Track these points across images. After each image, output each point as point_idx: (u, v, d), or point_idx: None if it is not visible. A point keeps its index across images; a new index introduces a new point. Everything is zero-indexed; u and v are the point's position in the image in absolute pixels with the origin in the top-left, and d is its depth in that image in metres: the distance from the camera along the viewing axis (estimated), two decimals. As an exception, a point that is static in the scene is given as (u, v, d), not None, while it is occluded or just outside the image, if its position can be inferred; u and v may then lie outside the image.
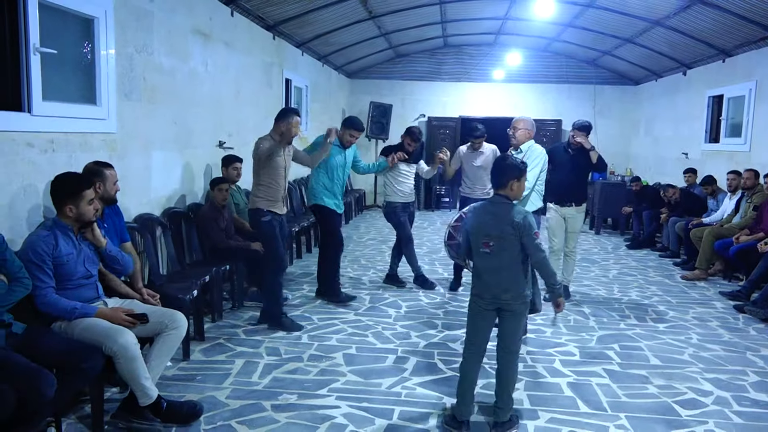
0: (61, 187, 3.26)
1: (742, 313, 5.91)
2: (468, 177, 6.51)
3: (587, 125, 6.13)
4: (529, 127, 5.21)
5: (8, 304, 2.96)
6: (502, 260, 3.31)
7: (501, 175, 3.40)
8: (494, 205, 3.39)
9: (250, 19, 7.29)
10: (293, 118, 4.86)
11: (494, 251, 3.30)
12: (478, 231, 3.37)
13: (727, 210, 7.83)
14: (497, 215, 3.33)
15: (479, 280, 3.39)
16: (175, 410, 3.33)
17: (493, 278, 3.34)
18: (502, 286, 3.32)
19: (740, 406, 3.86)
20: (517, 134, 5.18)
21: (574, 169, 6.09)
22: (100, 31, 4.25)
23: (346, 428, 3.41)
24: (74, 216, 3.22)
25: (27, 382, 2.63)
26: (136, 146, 4.84)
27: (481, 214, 3.41)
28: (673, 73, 11.04)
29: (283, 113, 4.95)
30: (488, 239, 3.31)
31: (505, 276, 3.32)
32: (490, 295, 3.35)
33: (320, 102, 11.07)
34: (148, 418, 3.23)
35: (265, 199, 4.94)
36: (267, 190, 4.94)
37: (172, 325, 3.43)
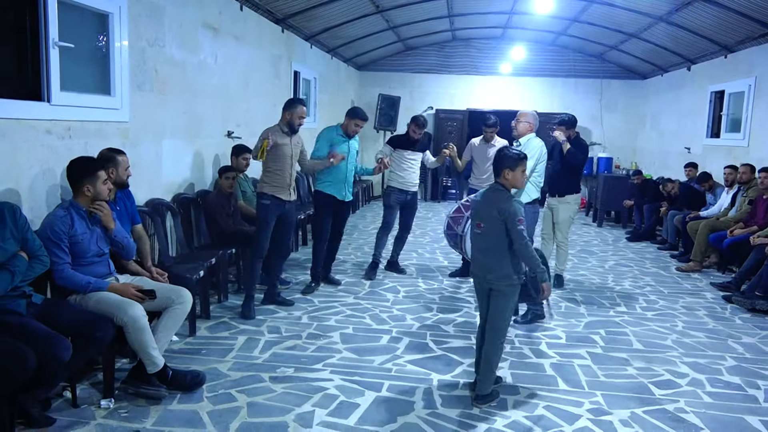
0: (79, 168, 3.54)
1: (730, 303, 6.09)
2: (478, 169, 6.71)
3: (566, 120, 6.32)
4: (531, 121, 5.42)
5: (29, 279, 3.24)
6: (489, 242, 3.62)
7: (497, 164, 3.70)
8: (491, 191, 3.69)
9: (259, 13, 7.53)
10: (298, 108, 5.11)
11: (483, 232, 3.64)
12: (474, 212, 3.79)
13: (724, 204, 7.99)
14: (490, 200, 3.63)
15: (472, 258, 3.83)
16: (179, 378, 3.61)
17: (481, 257, 3.68)
18: (488, 266, 3.63)
19: (713, 387, 4.07)
20: (519, 126, 5.41)
21: (561, 163, 6.32)
22: (115, 25, 4.52)
23: (338, 398, 3.67)
24: (92, 195, 3.50)
25: (45, 346, 2.90)
26: (147, 135, 5.11)
27: (480, 197, 3.76)
28: (677, 68, 11.15)
29: (288, 103, 5.19)
30: (480, 221, 3.65)
31: (491, 257, 3.62)
32: (480, 274, 3.71)
33: (329, 94, 11.30)
34: (155, 385, 3.51)
35: (270, 185, 5.14)
36: (272, 176, 5.14)
37: (178, 300, 3.70)
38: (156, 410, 3.41)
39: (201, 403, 3.53)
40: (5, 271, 3.07)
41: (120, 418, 3.31)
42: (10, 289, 3.09)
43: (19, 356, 2.72)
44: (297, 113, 5.12)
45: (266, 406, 3.53)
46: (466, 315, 5.42)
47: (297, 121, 5.14)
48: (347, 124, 5.86)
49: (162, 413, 3.39)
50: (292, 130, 5.18)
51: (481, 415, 3.53)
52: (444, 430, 3.35)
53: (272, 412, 3.46)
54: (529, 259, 3.58)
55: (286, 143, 5.16)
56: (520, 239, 3.52)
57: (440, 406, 3.62)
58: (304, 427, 3.30)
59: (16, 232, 3.19)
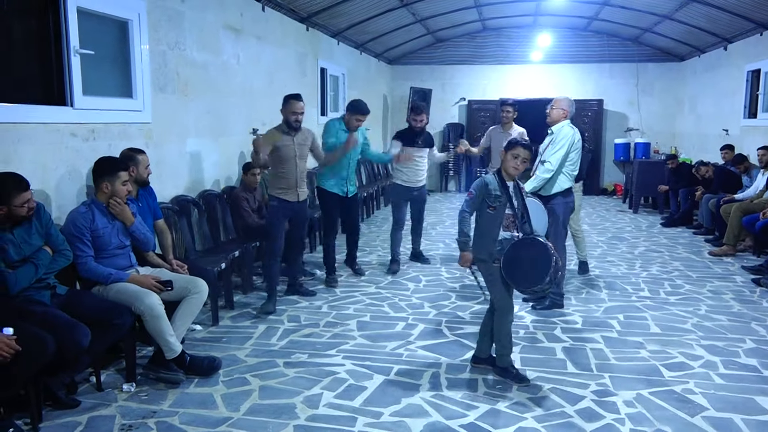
0: (100, 167, 3.79)
1: (759, 286, 5.96)
2: (494, 158, 6.70)
3: None
4: (565, 107, 5.17)
5: (52, 272, 3.48)
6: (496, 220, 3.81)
7: None
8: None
9: (282, 13, 7.72)
10: (290, 104, 5.01)
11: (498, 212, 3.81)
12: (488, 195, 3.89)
13: (759, 186, 7.77)
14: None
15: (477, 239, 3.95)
16: (197, 364, 3.82)
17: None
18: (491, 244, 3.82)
19: (726, 369, 4.03)
20: (552, 113, 5.17)
21: None
22: (134, 31, 4.76)
23: (347, 381, 3.81)
24: (109, 193, 3.73)
25: (66, 333, 3.14)
26: (171, 135, 5.35)
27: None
28: (714, 48, 10.84)
29: (284, 100, 5.11)
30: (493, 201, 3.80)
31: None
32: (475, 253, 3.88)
33: (358, 89, 11.44)
34: (173, 369, 3.72)
35: (277, 187, 5.12)
36: (278, 179, 5.11)
37: (194, 290, 3.91)
38: (173, 393, 3.62)
39: (216, 386, 3.72)
40: (30, 264, 3.32)
41: (140, 401, 3.53)
42: (34, 281, 3.34)
43: (40, 342, 2.95)
44: (290, 109, 5.01)
45: (277, 389, 3.70)
46: (483, 302, 5.46)
47: (291, 117, 5.01)
48: (348, 119, 5.81)
49: (179, 396, 3.59)
50: (291, 128, 5.07)
51: (485, 397, 3.61)
52: (446, 411, 3.44)
53: (282, 394, 3.63)
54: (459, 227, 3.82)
55: (287, 144, 5.06)
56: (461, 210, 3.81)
57: (445, 389, 3.71)
58: (310, 408, 3.45)
59: (41, 228, 3.44)
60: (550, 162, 4.96)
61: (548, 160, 4.97)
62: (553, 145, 5.01)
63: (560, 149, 4.99)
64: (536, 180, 4.99)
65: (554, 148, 5.00)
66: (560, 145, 5.01)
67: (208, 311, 4.82)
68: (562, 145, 5.01)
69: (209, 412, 3.41)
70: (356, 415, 3.38)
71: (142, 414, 3.37)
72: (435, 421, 3.32)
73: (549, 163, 4.96)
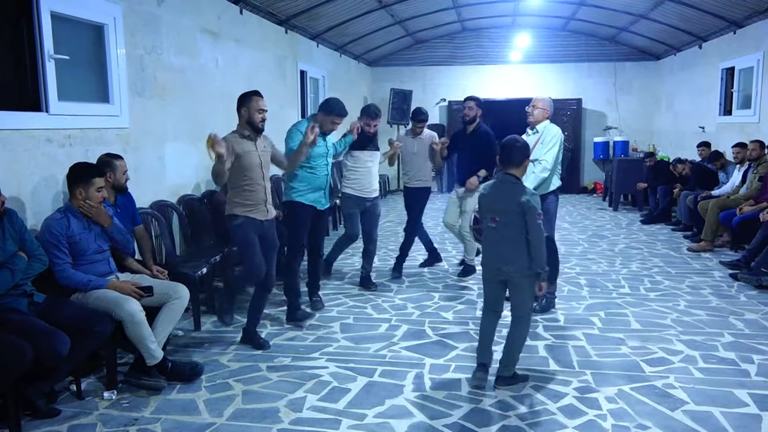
0: (74, 173, 3.74)
1: (736, 281, 6.05)
2: (405, 165, 6.28)
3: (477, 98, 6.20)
4: (546, 106, 5.17)
5: (28, 277, 3.44)
6: (505, 235, 3.58)
7: (516, 155, 3.61)
8: (503, 184, 3.64)
9: (260, 16, 7.70)
10: (253, 100, 4.18)
11: (499, 226, 3.60)
12: (486, 206, 3.69)
13: (735, 182, 7.90)
14: (505, 193, 3.60)
15: (484, 251, 3.78)
16: (178, 370, 3.80)
17: (495, 251, 3.65)
18: (504, 259, 3.61)
19: (706, 363, 4.09)
20: (535, 113, 5.13)
21: (469, 150, 6.17)
22: (110, 36, 4.72)
23: (330, 384, 3.80)
24: (82, 198, 3.68)
25: (44, 341, 3.10)
26: (149, 139, 5.31)
27: (491, 190, 3.70)
28: (689, 46, 11.01)
29: (244, 97, 4.24)
30: (494, 214, 3.60)
31: (509, 249, 3.59)
32: (493, 266, 3.68)
33: (339, 91, 11.39)
34: (154, 376, 3.69)
35: (242, 205, 4.21)
36: (242, 193, 4.19)
37: (175, 296, 3.87)
38: (155, 400, 3.59)
39: (199, 392, 3.70)
40: (6, 270, 3.28)
41: (121, 408, 3.49)
42: (11, 286, 3.30)
43: (16, 350, 2.91)
44: (254, 106, 4.16)
45: (260, 393, 3.68)
46: (467, 302, 5.50)
47: (257, 116, 4.16)
48: (322, 120, 4.91)
49: (161, 402, 3.56)
50: (255, 131, 4.21)
51: (468, 396, 3.63)
52: (430, 411, 3.45)
53: (266, 398, 3.61)
54: (540, 255, 3.55)
55: (250, 150, 4.18)
56: (540, 233, 3.54)
57: (429, 389, 3.73)
58: (294, 412, 3.44)
59: (14, 234, 3.41)
60: (546, 160, 4.93)
61: (543, 158, 4.93)
62: (544, 144, 4.98)
63: (552, 147, 4.98)
64: (536, 179, 4.90)
65: (545, 147, 4.97)
66: (552, 143, 4.99)
67: (189, 316, 4.79)
68: (553, 143, 5.00)
69: (192, 418, 3.38)
70: (340, 417, 3.38)
71: (123, 422, 3.34)
72: (419, 421, 3.33)
73: (545, 161, 4.93)
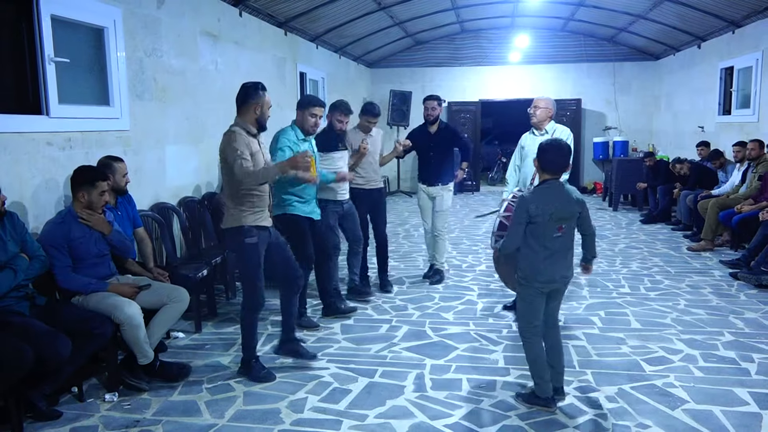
0: (79, 176, 3.75)
1: (736, 280, 6.05)
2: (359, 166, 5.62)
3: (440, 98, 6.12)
4: (549, 107, 5.10)
5: (30, 278, 3.46)
6: (567, 241, 3.42)
7: (565, 157, 3.46)
8: (559, 189, 3.42)
9: (260, 18, 7.71)
10: (264, 95, 3.82)
11: (565, 233, 3.39)
12: (551, 217, 3.32)
13: (735, 181, 7.91)
14: (566, 198, 3.41)
15: (543, 263, 3.38)
16: (166, 369, 3.85)
17: (561, 260, 3.42)
18: (566, 265, 3.45)
19: (706, 362, 4.10)
20: (538, 113, 5.04)
21: (437, 149, 6.10)
22: (110, 39, 4.73)
23: (331, 385, 3.81)
24: (85, 202, 3.69)
25: (46, 343, 3.11)
26: (149, 141, 5.32)
27: (550, 199, 3.36)
28: (688, 46, 11.02)
29: (253, 92, 3.79)
30: (562, 222, 3.36)
31: (569, 255, 3.46)
32: (552, 277, 3.40)
33: (339, 93, 11.43)
34: (138, 377, 3.73)
35: (252, 213, 3.80)
36: (251, 199, 3.80)
37: (175, 299, 3.89)
38: (157, 402, 3.60)
39: (200, 393, 3.71)
40: (8, 270, 3.32)
41: (123, 410, 3.50)
42: (14, 286, 3.33)
43: (17, 353, 2.92)
44: (267, 103, 3.83)
45: (262, 394, 3.69)
46: (467, 302, 5.51)
47: (267, 114, 3.87)
48: (303, 119, 4.62)
49: (162, 404, 3.57)
50: (262, 129, 3.88)
51: (468, 396, 3.63)
52: (431, 411, 3.46)
53: (267, 399, 3.62)
54: (594, 246, 3.61)
55: (257, 150, 3.83)
56: (593, 226, 3.54)
57: (429, 389, 3.73)
58: (295, 413, 3.45)
59: (15, 235, 3.44)
60: None
61: None
62: None
63: None
64: None
65: None
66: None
67: (190, 319, 4.80)
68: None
69: (193, 419, 3.39)
70: (341, 418, 3.39)
71: (125, 423, 3.35)
72: (420, 421, 3.34)
73: None
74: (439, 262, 6.28)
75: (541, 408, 3.45)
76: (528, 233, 3.39)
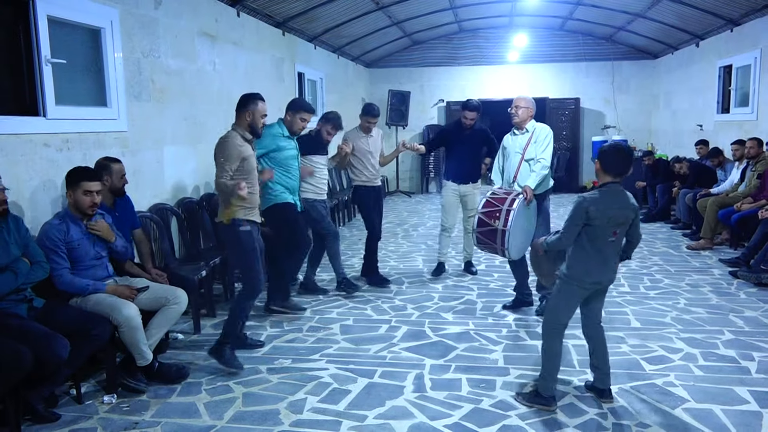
0: (67, 176, 3.74)
1: (736, 278, 6.05)
2: (361, 165, 5.97)
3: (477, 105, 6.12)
4: (530, 106, 5.15)
5: (30, 283, 3.45)
6: (617, 246, 3.42)
7: (629, 159, 3.41)
8: (620, 194, 3.37)
9: (257, 18, 7.70)
10: (260, 105, 4.13)
11: (618, 238, 3.38)
12: (609, 221, 3.29)
13: (734, 179, 7.90)
14: (624, 202, 3.35)
15: (596, 267, 3.37)
16: (165, 371, 3.84)
17: (611, 263, 3.43)
18: (614, 269, 3.48)
19: (706, 361, 4.09)
20: (520, 112, 5.10)
21: (470, 148, 6.22)
22: (107, 39, 4.71)
23: (330, 386, 3.80)
24: (71, 202, 3.69)
25: (45, 345, 3.10)
26: (147, 142, 5.30)
27: (610, 203, 3.31)
28: (687, 45, 11.01)
29: (248, 99, 4.14)
30: (618, 227, 3.33)
31: (616, 259, 3.47)
32: (599, 280, 3.41)
33: (337, 93, 11.43)
34: (137, 379, 3.71)
35: (243, 208, 4.04)
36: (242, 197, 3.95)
37: (173, 300, 3.88)
38: (155, 404, 3.59)
39: (199, 395, 3.69)
40: (9, 272, 3.31)
41: (121, 412, 3.49)
42: (14, 288, 3.32)
43: (16, 355, 2.91)
44: (260, 111, 4.12)
45: (261, 395, 3.68)
46: (467, 302, 5.50)
47: (260, 122, 4.15)
48: (292, 120, 5.03)
49: (161, 406, 3.56)
50: (255, 135, 4.18)
51: (468, 396, 3.62)
52: (431, 411, 3.45)
53: (266, 400, 3.61)
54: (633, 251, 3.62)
55: (250, 154, 4.13)
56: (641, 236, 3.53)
57: (429, 390, 3.72)
58: (294, 414, 3.44)
59: (19, 239, 3.43)
60: (545, 158, 4.97)
61: (542, 156, 4.96)
62: (538, 143, 5.01)
63: (549, 145, 5.03)
64: (537, 177, 4.91)
65: (541, 145, 5.00)
66: (547, 141, 5.02)
67: (189, 319, 4.79)
68: (548, 141, 5.03)
69: (192, 421, 3.38)
70: (341, 418, 3.38)
71: (123, 425, 3.33)
72: (420, 422, 3.33)
73: (544, 159, 4.96)
74: (469, 254, 6.54)
75: (542, 407, 3.44)
76: (583, 235, 3.35)
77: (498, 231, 4.74)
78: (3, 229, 3.38)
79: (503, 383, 3.80)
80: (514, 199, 4.77)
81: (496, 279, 6.30)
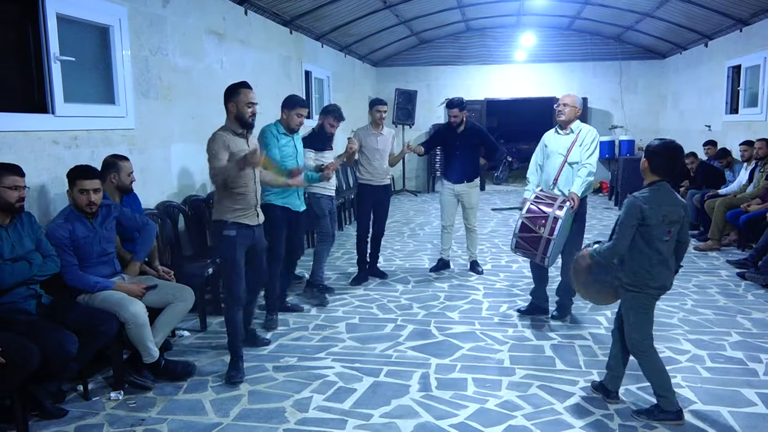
0: (67, 175, 3.75)
1: (744, 280, 6.02)
2: (369, 163, 5.98)
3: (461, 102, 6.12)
4: (577, 105, 4.93)
5: (43, 276, 3.47)
6: (672, 246, 3.32)
7: (680, 158, 3.35)
8: (669, 192, 3.30)
9: (265, 17, 7.71)
10: (241, 93, 3.84)
11: (672, 238, 3.29)
12: (663, 219, 3.21)
13: (742, 180, 7.86)
14: (674, 200, 3.28)
15: (657, 269, 3.28)
16: (171, 368, 3.86)
17: (671, 265, 3.34)
18: (673, 270, 3.36)
19: (713, 362, 4.07)
20: (566, 111, 4.86)
21: (463, 148, 6.20)
22: (116, 37, 4.73)
23: (336, 384, 3.80)
24: (70, 198, 3.70)
25: (52, 341, 3.12)
26: (155, 140, 5.32)
27: (661, 201, 3.23)
28: (695, 45, 10.96)
29: (231, 90, 3.90)
30: (671, 226, 3.25)
31: (674, 261, 3.36)
32: (662, 284, 3.32)
33: (344, 92, 11.43)
34: (144, 376, 3.74)
35: (232, 209, 3.83)
36: (234, 197, 3.83)
37: (180, 298, 3.89)
38: (162, 400, 3.60)
39: (205, 392, 3.71)
40: (24, 261, 3.35)
41: (128, 409, 3.51)
42: (28, 277, 3.35)
43: (24, 351, 2.93)
44: (242, 100, 3.82)
45: (267, 393, 3.69)
46: (473, 302, 5.49)
47: (246, 110, 3.82)
48: (288, 118, 4.83)
49: (167, 403, 3.57)
50: (245, 126, 3.87)
51: (474, 396, 3.62)
52: (436, 411, 3.44)
53: (272, 398, 3.61)
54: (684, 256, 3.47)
55: (243, 149, 3.80)
56: (689, 237, 3.44)
57: (435, 389, 3.72)
58: (300, 412, 3.44)
59: (32, 234, 3.47)
60: (591, 164, 4.76)
61: (587, 162, 4.75)
62: (584, 146, 4.78)
63: (595, 151, 4.80)
64: (583, 184, 4.74)
65: (586, 149, 4.78)
66: (594, 146, 4.81)
67: (196, 317, 4.81)
68: (595, 146, 4.82)
69: (198, 418, 3.39)
70: (346, 417, 3.38)
71: (130, 422, 3.35)
72: (425, 421, 3.32)
73: (590, 165, 4.75)
74: (473, 254, 6.55)
75: (673, 423, 3.26)
76: (638, 237, 3.25)
77: (543, 239, 4.47)
78: (17, 224, 3.43)
79: (509, 383, 3.79)
80: (561, 206, 4.53)
81: (502, 279, 6.29)
